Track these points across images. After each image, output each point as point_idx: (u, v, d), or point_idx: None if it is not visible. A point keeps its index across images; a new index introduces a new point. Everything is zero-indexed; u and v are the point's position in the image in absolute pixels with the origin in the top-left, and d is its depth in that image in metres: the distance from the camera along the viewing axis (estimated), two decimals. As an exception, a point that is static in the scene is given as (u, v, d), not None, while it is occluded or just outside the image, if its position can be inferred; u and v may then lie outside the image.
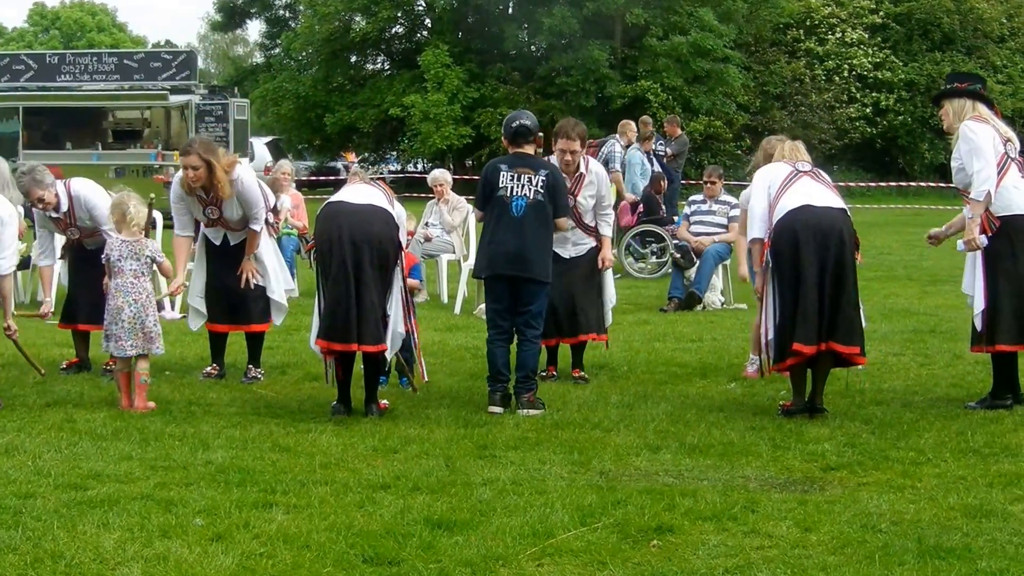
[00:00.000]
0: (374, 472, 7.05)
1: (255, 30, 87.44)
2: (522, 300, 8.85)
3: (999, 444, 7.70)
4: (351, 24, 44.44)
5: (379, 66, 48.33)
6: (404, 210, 9.10)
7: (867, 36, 44.65)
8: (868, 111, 44.11)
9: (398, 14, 45.13)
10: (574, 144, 9.52)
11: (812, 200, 8.52)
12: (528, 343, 8.88)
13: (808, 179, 8.71)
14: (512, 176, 8.89)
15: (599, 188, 9.81)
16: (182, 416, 8.55)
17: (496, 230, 8.86)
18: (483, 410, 8.72)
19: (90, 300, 9.93)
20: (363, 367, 8.81)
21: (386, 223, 8.63)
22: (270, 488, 6.68)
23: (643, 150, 19.93)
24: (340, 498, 6.51)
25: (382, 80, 45.58)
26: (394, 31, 47.12)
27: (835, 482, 6.92)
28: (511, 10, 44.71)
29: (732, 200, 15.24)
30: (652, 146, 20.71)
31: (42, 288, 10.36)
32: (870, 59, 44.10)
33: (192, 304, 10.01)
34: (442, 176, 16.07)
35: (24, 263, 13.58)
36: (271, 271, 9.97)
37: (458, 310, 14.15)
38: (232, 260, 9.90)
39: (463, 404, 8.98)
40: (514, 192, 8.85)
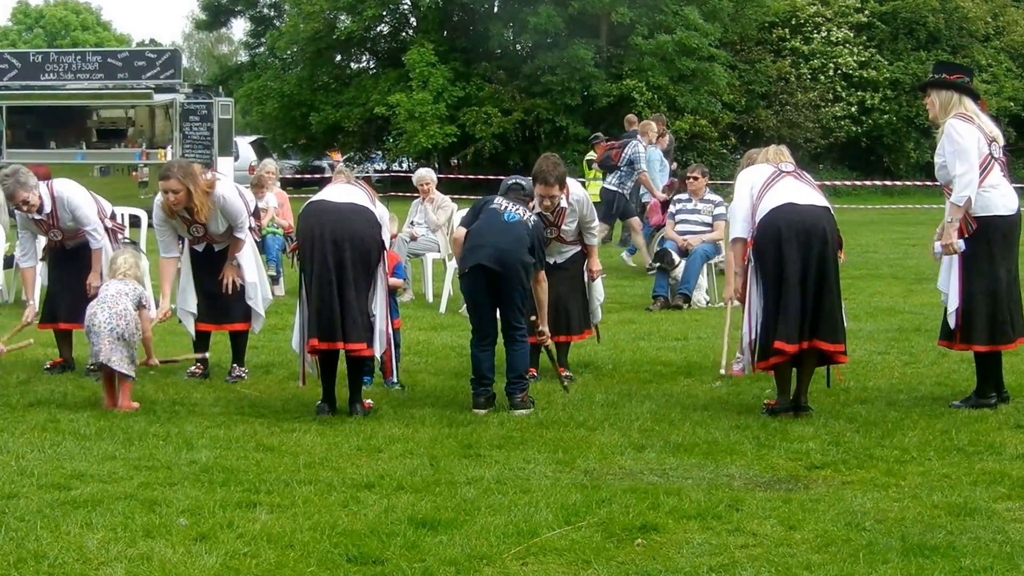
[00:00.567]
0: (358, 471, 7.05)
1: (240, 29, 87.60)
2: (501, 297, 8.85)
3: (983, 442, 7.72)
4: (336, 23, 44.36)
5: (364, 65, 48.29)
6: (387, 210, 9.11)
7: (852, 35, 44.69)
8: (853, 110, 44.14)
9: (383, 13, 45.04)
10: (553, 190, 9.54)
11: (795, 198, 8.53)
12: (516, 344, 8.88)
13: (791, 179, 8.72)
14: (509, 202, 9.09)
15: (580, 211, 9.88)
16: (166, 416, 8.54)
17: (485, 230, 8.89)
18: (468, 409, 8.72)
19: (70, 299, 9.91)
20: (347, 367, 8.81)
21: (368, 222, 8.64)
22: (254, 488, 6.67)
23: (660, 148, 20.15)
24: (324, 497, 6.50)
25: (367, 79, 45.52)
26: (379, 30, 47.06)
27: (820, 480, 6.93)
28: (496, 9, 44.69)
29: (717, 199, 15.29)
30: (665, 144, 20.99)
31: (25, 291, 10.33)
32: (855, 58, 44.15)
33: (185, 308, 9.97)
34: (427, 175, 16.07)
35: (7, 262, 13.54)
36: (250, 278, 9.95)
37: (443, 309, 14.14)
38: (215, 264, 9.90)
39: (448, 403, 8.98)
40: (508, 209, 9.01)
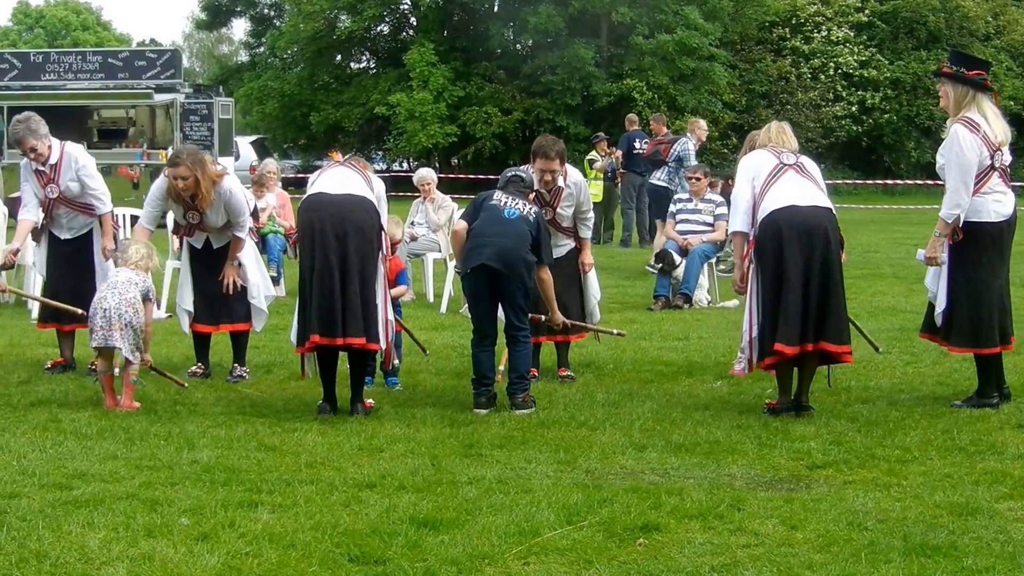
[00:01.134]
0: (360, 471, 7.04)
1: (240, 29, 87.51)
2: (503, 296, 8.85)
3: (985, 442, 7.71)
4: (336, 22, 44.38)
5: (364, 64, 48.32)
6: (383, 184, 9.07)
7: (853, 34, 44.71)
8: (854, 109, 44.16)
9: (383, 12, 45.06)
10: (553, 164, 9.61)
11: (797, 200, 8.48)
12: (519, 344, 8.87)
13: (793, 173, 8.64)
14: (508, 197, 9.05)
15: (577, 196, 9.89)
16: (167, 415, 8.53)
17: (487, 229, 8.86)
18: (469, 409, 8.72)
19: (71, 300, 9.86)
20: (349, 366, 8.80)
21: (366, 211, 8.65)
22: (256, 487, 6.66)
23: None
24: (326, 497, 6.49)
25: (367, 79, 45.54)
26: (379, 29, 47.09)
27: (821, 480, 6.93)
28: (496, 8, 44.72)
29: (718, 199, 15.29)
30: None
31: (16, 239, 10.12)
32: (856, 57, 44.16)
33: (183, 307, 9.97)
34: (428, 175, 16.08)
35: (8, 264, 13.51)
36: (252, 277, 9.96)
37: (444, 309, 14.14)
38: (214, 263, 9.87)
39: (449, 403, 8.97)
40: (507, 204, 8.97)
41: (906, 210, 33.16)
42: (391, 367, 9.49)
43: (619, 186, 23.29)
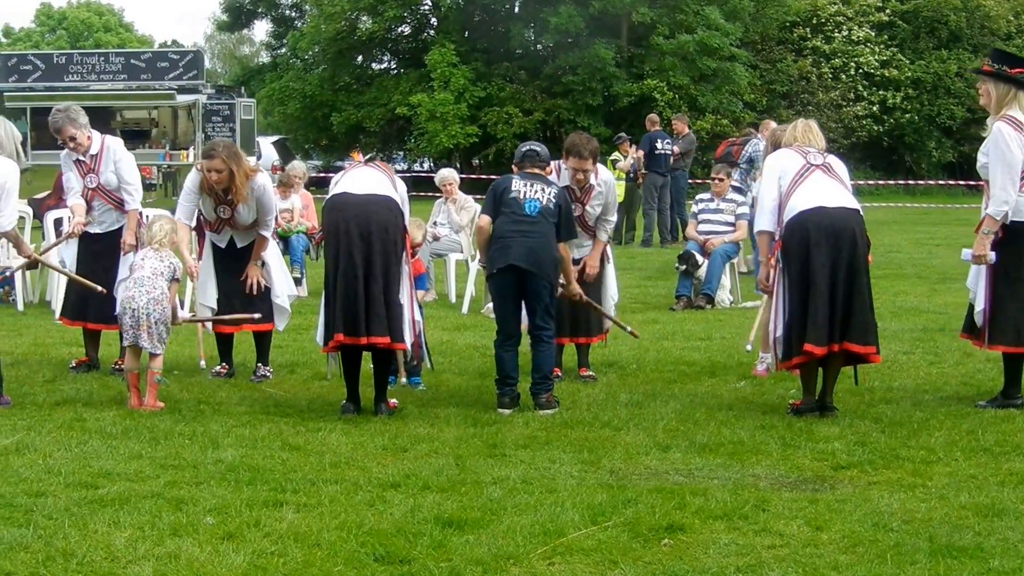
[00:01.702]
0: (384, 471, 7.05)
1: (261, 30, 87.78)
2: (530, 296, 8.84)
3: (1010, 443, 7.69)
4: (357, 24, 44.50)
5: (385, 65, 48.41)
6: (405, 186, 9.09)
7: (874, 34, 44.62)
8: (875, 109, 44.08)
9: (404, 13, 45.16)
10: (587, 163, 9.64)
11: (825, 201, 8.45)
12: (543, 344, 8.86)
13: (820, 174, 8.62)
14: (525, 184, 8.98)
15: (607, 196, 9.90)
16: (191, 415, 8.56)
17: (509, 227, 8.85)
18: (492, 409, 8.72)
19: (99, 298, 9.90)
20: (372, 366, 8.82)
21: (390, 210, 8.66)
22: (280, 487, 6.68)
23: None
24: (350, 497, 6.51)
25: (388, 79, 45.63)
26: (400, 30, 47.18)
27: (846, 481, 6.91)
28: (517, 9, 44.74)
29: (739, 198, 15.25)
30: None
31: (76, 217, 10.17)
32: (877, 57, 44.06)
33: (205, 304, 9.99)
34: (450, 175, 16.09)
35: (32, 264, 13.57)
36: (276, 276, 9.99)
37: (466, 309, 14.14)
38: (238, 262, 9.90)
39: (472, 403, 8.98)
40: (527, 195, 8.90)
41: (928, 209, 33.08)
42: (416, 362, 9.51)
43: (640, 187, 23.28)
